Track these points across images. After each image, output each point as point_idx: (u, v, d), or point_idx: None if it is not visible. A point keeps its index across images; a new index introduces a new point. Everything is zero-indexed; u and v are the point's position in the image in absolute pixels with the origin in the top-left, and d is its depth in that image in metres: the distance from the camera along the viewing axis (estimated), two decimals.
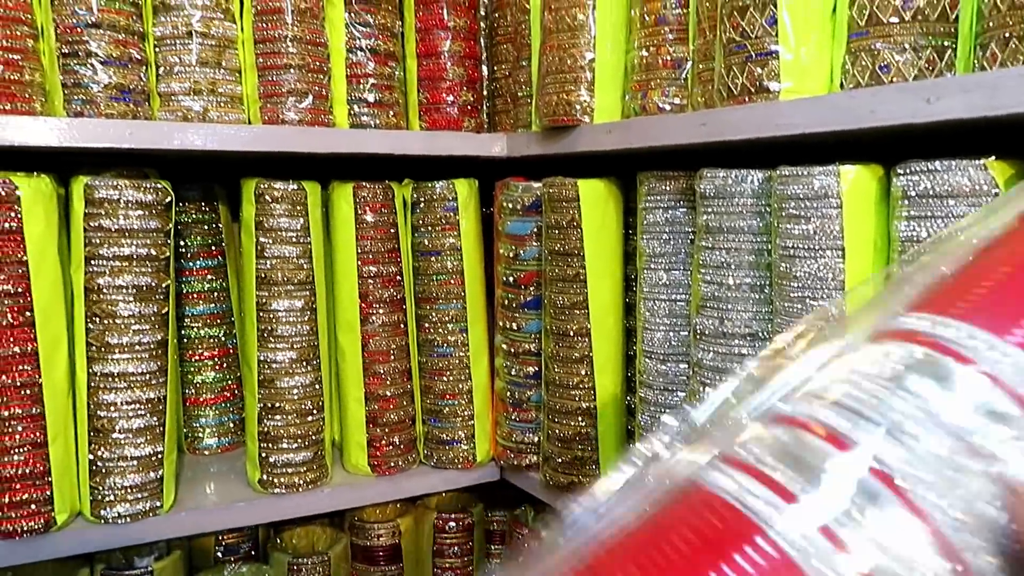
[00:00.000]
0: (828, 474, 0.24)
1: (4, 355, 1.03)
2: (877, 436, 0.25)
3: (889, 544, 0.23)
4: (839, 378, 0.28)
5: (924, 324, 0.27)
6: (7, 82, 1.02)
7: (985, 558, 0.23)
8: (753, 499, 0.25)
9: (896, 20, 0.81)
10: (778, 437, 0.26)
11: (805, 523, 0.24)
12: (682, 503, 0.27)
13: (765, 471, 0.25)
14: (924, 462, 0.24)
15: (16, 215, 1.02)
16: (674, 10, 1.08)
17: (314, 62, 1.21)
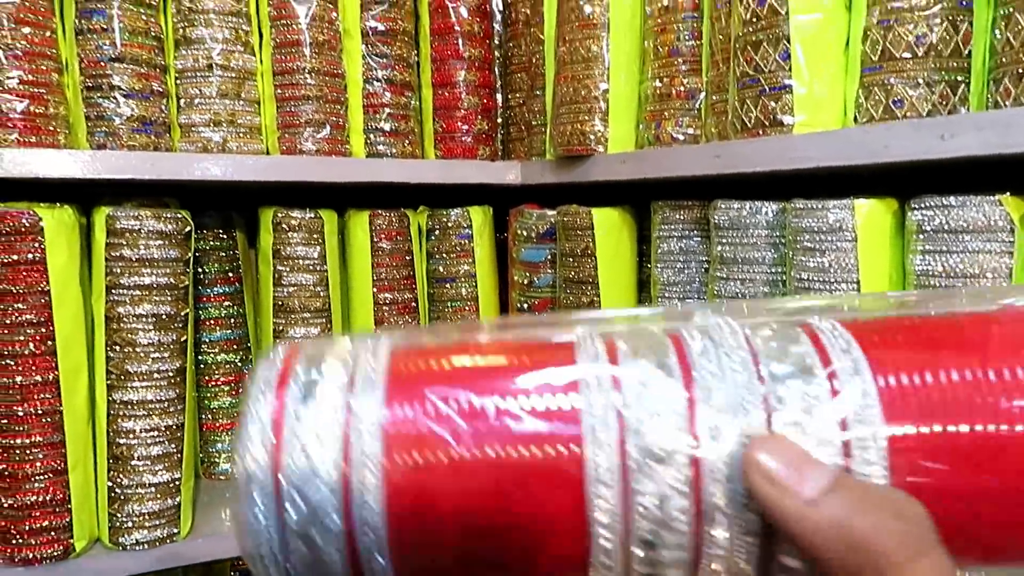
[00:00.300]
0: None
1: (26, 384, 1.05)
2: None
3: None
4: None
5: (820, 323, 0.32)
6: (32, 115, 1.04)
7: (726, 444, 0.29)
8: None
9: (909, 56, 0.82)
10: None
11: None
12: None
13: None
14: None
15: (40, 246, 1.03)
16: (687, 42, 1.09)
17: (331, 93, 1.22)
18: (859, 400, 0.28)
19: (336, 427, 0.29)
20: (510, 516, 0.29)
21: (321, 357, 0.32)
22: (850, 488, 0.27)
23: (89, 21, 1.07)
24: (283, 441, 0.29)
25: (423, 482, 0.29)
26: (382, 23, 1.26)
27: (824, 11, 0.87)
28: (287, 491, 0.29)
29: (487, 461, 0.29)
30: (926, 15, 0.81)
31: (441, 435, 0.29)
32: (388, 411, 0.29)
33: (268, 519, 0.29)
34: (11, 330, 1.03)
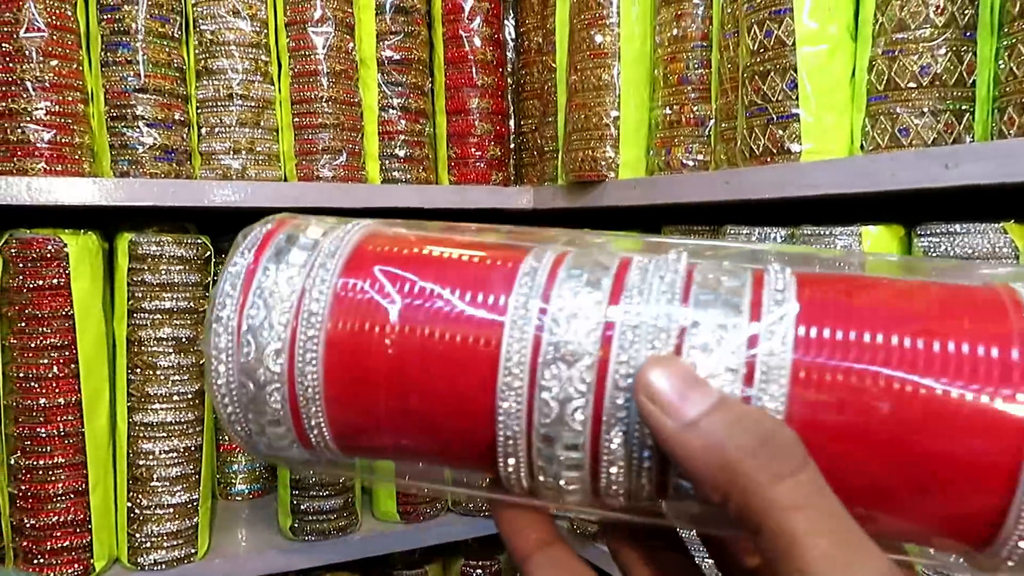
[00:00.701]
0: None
1: (50, 406, 1.07)
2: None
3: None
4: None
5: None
6: (59, 145, 1.07)
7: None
8: None
9: (914, 85, 0.84)
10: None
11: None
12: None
13: None
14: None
15: (64, 271, 1.06)
16: (697, 70, 1.11)
17: (348, 121, 1.25)
18: (773, 335, 0.29)
19: (295, 285, 0.33)
20: (430, 394, 0.32)
21: (301, 229, 0.36)
22: (728, 411, 0.28)
23: (114, 53, 1.10)
24: (249, 291, 0.33)
25: (357, 345, 0.32)
26: (397, 52, 1.29)
27: (830, 42, 0.89)
28: (244, 334, 0.33)
29: (416, 338, 0.32)
30: (930, 46, 0.83)
31: (380, 306, 0.32)
32: (340, 279, 0.33)
33: (228, 357, 0.33)
34: (36, 353, 1.06)
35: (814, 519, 0.26)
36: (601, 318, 0.30)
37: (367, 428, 0.34)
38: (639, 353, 0.30)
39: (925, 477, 0.29)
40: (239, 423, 0.35)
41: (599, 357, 0.30)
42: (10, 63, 1.04)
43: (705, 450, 0.27)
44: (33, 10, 1.04)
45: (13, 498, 1.09)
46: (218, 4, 1.16)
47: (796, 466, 0.27)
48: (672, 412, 0.28)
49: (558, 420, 0.30)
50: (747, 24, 0.94)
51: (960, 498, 0.29)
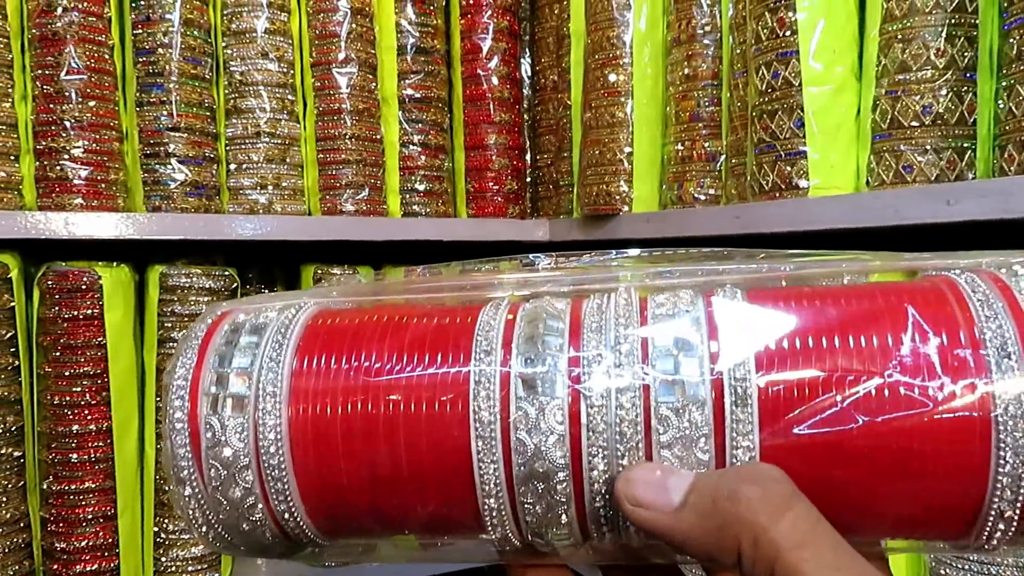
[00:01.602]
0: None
1: (82, 432, 1.11)
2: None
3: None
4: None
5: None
6: (95, 181, 1.12)
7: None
8: None
9: (917, 124, 0.87)
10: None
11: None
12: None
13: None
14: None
15: (98, 302, 1.10)
16: (707, 108, 1.15)
17: (370, 157, 1.30)
18: (735, 351, 0.31)
19: (247, 390, 0.34)
20: (404, 465, 0.33)
21: (243, 325, 0.36)
22: (707, 480, 0.29)
23: (149, 94, 1.16)
24: (198, 399, 0.34)
25: (319, 430, 0.33)
26: (418, 91, 1.34)
27: (835, 83, 0.92)
28: (207, 458, 0.34)
29: (380, 415, 0.33)
30: (932, 87, 0.86)
31: (335, 385, 0.33)
32: (292, 380, 0.34)
33: (201, 515, 0.34)
34: (69, 381, 1.10)
35: (819, 555, 0.27)
36: (564, 429, 0.31)
37: (345, 506, 0.34)
38: (610, 463, 0.31)
39: (902, 479, 0.30)
40: (220, 539, 0.35)
41: (571, 471, 0.31)
42: (51, 104, 1.10)
43: (702, 519, 0.29)
44: (73, 54, 1.10)
45: (44, 522, 1.12)
46: (247, 46, 1.21)
47: (789, 499, 0.28)
48: (660, 507, 0.29)
49: (545, 521, 0.32)
50: (755, 65, 0.98)
51: (937, 492, 0.30)
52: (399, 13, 1.32)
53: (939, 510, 0.31)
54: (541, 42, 1.48)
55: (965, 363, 0.30)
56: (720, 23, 1.12)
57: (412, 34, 1.33)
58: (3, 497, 1.07)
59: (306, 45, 1.27)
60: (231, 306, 0.38)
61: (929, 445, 0.30)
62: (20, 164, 1.11)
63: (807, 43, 0.92)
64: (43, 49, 1.10)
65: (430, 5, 1.35)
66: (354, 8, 1.26)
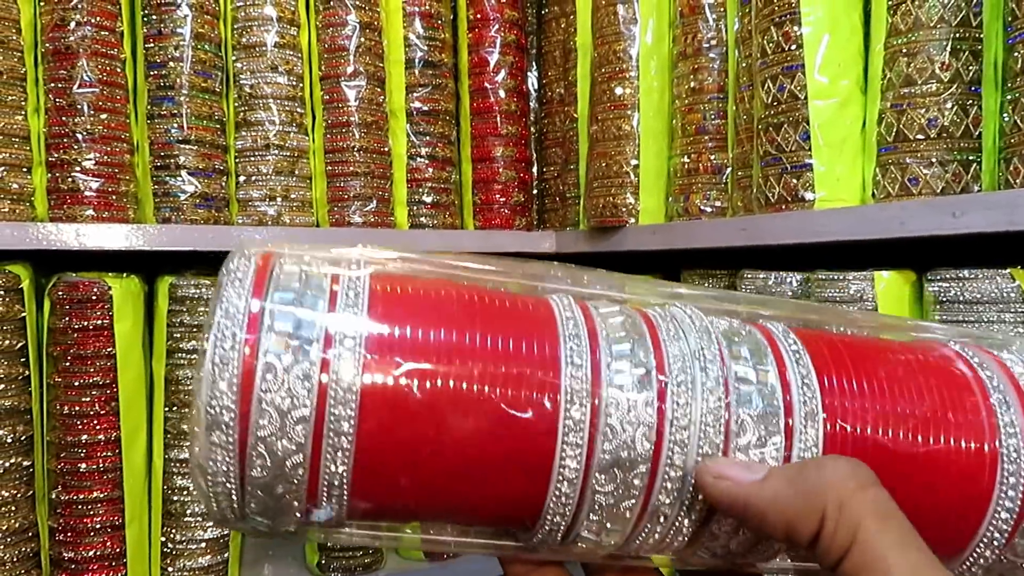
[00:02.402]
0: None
1: (90, 442, 1.11)
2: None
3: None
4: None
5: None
6: (106, 193, 1.13)
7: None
8: None
9: (922, 137, 0.87)
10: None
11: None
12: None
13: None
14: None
15: (108, 313, 1.11)
16: (713, 121, 1.15)
17: (378, 169, 1.31)
18: (802, 389, 0.34)
19: (310, 371, 0.29)
20: (478, 446, 0.31)
21: (308, 268, 0.32)
22: (788, 465, 0.32)
23: (160, 107, 1.17)
24: (253, 396, 0.29)
25: (395, 414, 0.30)
26: (425, 104, 1.35)
27: (840, 96, 0.93)
28: (252, 447, 0.29)
29: (458, 413, 0.31)
30: (937, 100, 0.86)
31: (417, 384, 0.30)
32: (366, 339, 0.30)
33: (229, 468, 0.30)
34: (78, 391, 1.11)
35: (903, 529, 0.28)
36: (652, 420, 0.32)
37: (395, 494, 0.32)
38: (686, 460, 0.32)
39: (926, 514, 0.33)
40: (227, 497, 0.31)
41: (651, 463, 0.32)
42: (63, 116, 1.11)
43: (788, 485, 0.30)
44: (86, 67, 1.11)
45: (53, 532, 1.12)
46: (257, 60, 1.22)
47: (874, 479, 0.29)
48: (744, 478, 0.31)
49: (610, 514, 0.33)
50: (761, 78, 0.99)
51: (948, 526, 0.34)
52: (407, 27, 1.34)
53: (939, 534, 0.34)
54: (548, 56, 1.49)
55: (980, 428, 0.35)
56: (726, 37, 1.13)
57: (420, 48, 1.34)
58: (12, 506, 1.07)
59: (315, 59, 1.28)
60: (270, 249, 0.34)
61: (942, 474, 0.34)
62: (32, 176, 1.12)
63: (812, 57, 0.93)
64: (56, 62, 1.11)
65: (438, 19, 1.37)
66: (363, 22, 1.28)
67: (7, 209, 1.08)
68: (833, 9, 0.93)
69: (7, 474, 1.06)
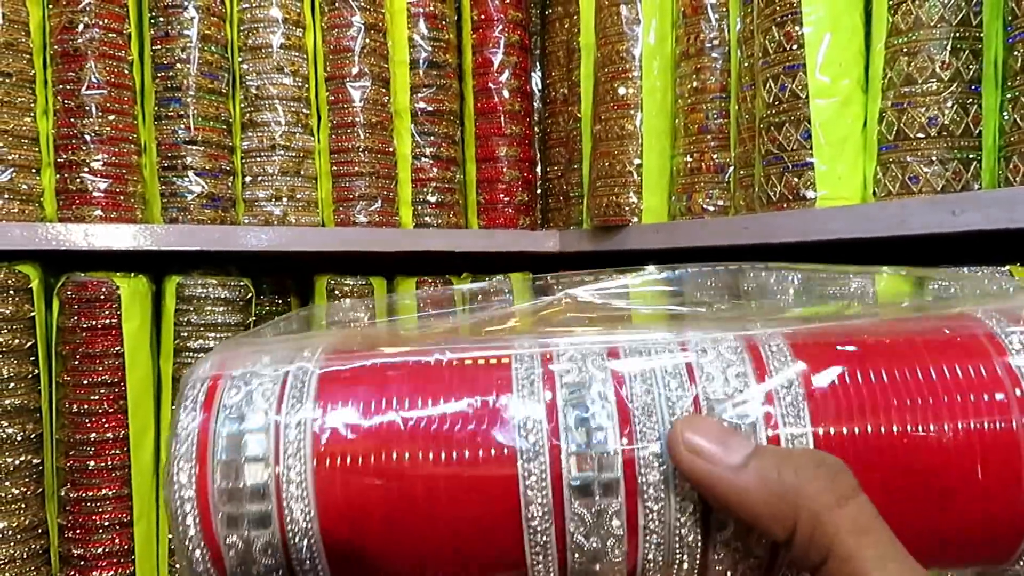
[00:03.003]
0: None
1: (99, 440, 1.12)
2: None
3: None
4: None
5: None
6: (114, 193, 1.14)
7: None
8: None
9: (923, 136, 0.88)
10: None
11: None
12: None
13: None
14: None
15: (116, 312, 1.12)
16: (716, 120, 1.16)
17: (383, 169, 1.32)
18: (785, 386, 0.31)
19: (265, 443, 0.30)
20: (443, 525, 0.31)
21: (249, 376, 0.32)
22: (771, 451, 0.29)
23: (167, 108, 1.18)
24: (208, 465, 0.30)
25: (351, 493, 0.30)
26: (430, 104, 1.36)
27: (841, 95, 0.93)
28: (216, 512, 0.30)
29: (419, 475, 0.30)
30: (937, 99, 0.87)
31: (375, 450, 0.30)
32: (317, 434, 0.31)
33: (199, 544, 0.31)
34: (87, 390, 1.12)
35: (880, 544, 0.27)
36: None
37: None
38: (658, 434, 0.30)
39: (946, 511, 0.31)
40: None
41: (624, 475, 0.30)
42: (72, 118, 1.12)
43: (763, 483, 0.28)
44: (94, 69, 1.12)
45: (62, 529, 1.13)
46: (263, 61, 1.24)
47: (854, 489, 0.28)
48: (718, 460, 0.28)
49: (595, 528, 0.31)
50: (763, 78, 0.99)
51: (983, 508, 0.30)
52: (412, 28, 1.35)
53: (984, 529, 0.31)
54: (551, 56, 1.50)
55: (1005, 405, 0.31)
56: (728, 37, 1.14)
57: (424, 48, 1.35)
58: (22, 504, 1.08)
59: (320, 60, 1.29)
60: (219, 368, 0.33)
61: (970, 459, 0.30)
62: (41, 177, 1.13)
63: (814, 56, 0.94)
64: (64, 64, 1.12)
65: (442, 20, 1.38)
66: (367, 23, 1.29)
67: (16, 210, 1.09)
68: (834, 9, 0.93)
69: (17, 472, 1.08)
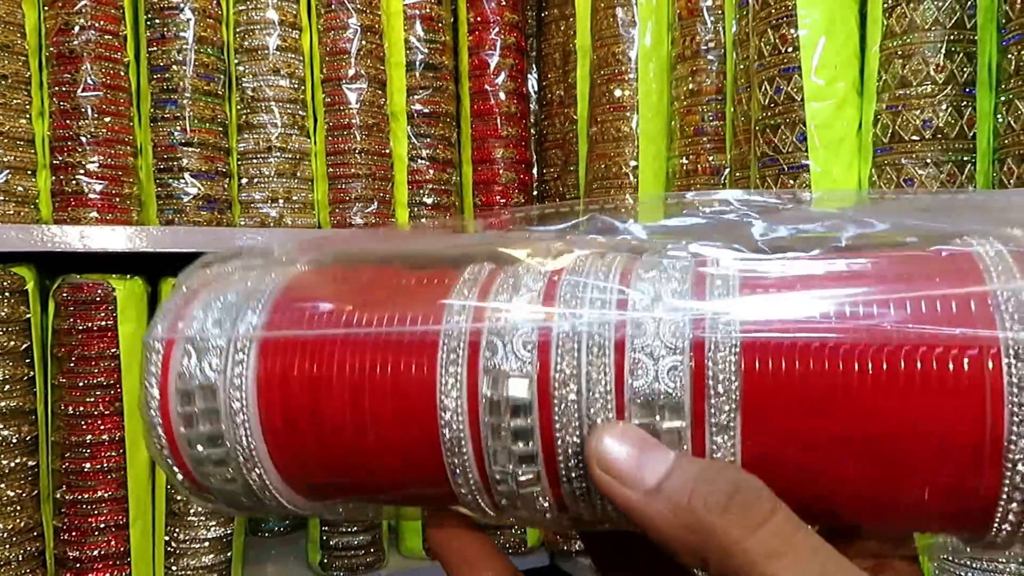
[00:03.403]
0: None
1: (95, 442, 1.12)
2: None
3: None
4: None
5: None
6: (110, 195, 1.14)
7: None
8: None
9: (917, 138, 0.88)
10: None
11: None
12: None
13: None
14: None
15: (112, 314, 1.12)
16: (711, 122, 1.16)
17: (379, 171, 1.32)
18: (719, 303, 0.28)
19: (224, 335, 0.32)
20: (367, 418, 0.31)
21: (225, 286, 0.35)
22: (688, 468, 0.27)
23: (163, 110, 1.18)
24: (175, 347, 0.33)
25: (288, 387, 0.32)
26: (426, 106, 1.36)
27: (836, 98, 0.94)
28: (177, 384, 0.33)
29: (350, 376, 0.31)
30: (931, 101, 0.87)
31: (306, 342, 0.32)
32: (267, 325, 0.33)
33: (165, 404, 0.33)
34: (83, 392, 1.12)
35: (798, 562, 0.25)
36: (533, 371, 0.29)
37: (314, 469, 0.32)
38: (580, 418, 0.28)
39: (901, 465, 0.27)
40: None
41: (540, 419, 0.29)
42: (67, 120, 1.12)
43: (674, 514, 0.26)
44: (90, 71, 1.12)
45: (57, 531, 1.13)
46: (259, 63, 1.24)
47: (768, 511, 0.26)
48: (632, 482, 0.27)
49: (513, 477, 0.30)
50: (758, 80, 1.00)
51: (945, 471, 0.26)
52: (408, 30, 1.35)
53: (949, 492, 0.27)
54: (548, 58, 1.51)
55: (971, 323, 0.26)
56: (724, 39, 1.14)
57: (421, 50, 1.35)
58: (17, 506, 1.08)
59: (317, 62, 1.29)
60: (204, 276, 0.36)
61: (930, 418, 0.26)
62: (37, 179, 1.13)
63: (809, 59, 0.94)
64: (60, 66, 1.12)
65: (438, 22, 1.38)
66: (364, 25, 1.29)
67: (12, 211, 1.09)
68: (829, 12, 0.94)
69: (12, 474, 1.07)
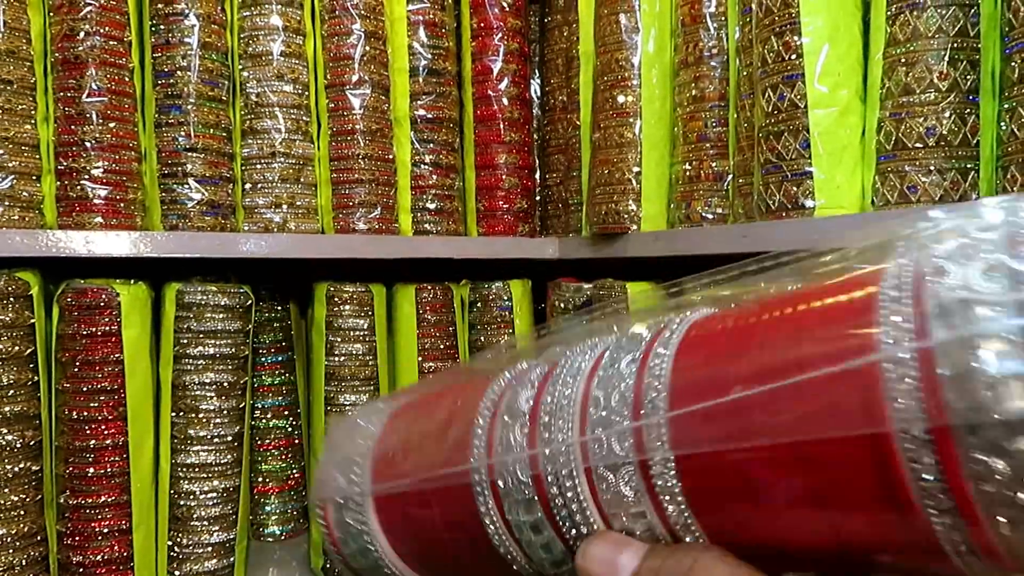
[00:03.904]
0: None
1: (98, 447, 1.12)
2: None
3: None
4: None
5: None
6: (114, 200, 1.14)
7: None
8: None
9: (921, 145, 0.89)
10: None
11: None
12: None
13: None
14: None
15: (116, 319, 1.12)
16: (715, 128, 1.17)
17: (382, 176, 1.32)
18: (653, 382, 0.34)
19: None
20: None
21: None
22: (653, 561, 0.33)
23: (167, 115, 1.18)
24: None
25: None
26: (429, 112, 1.37)
27: (840, 105, 0.94)
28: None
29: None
30: (935, 109, 0.87)
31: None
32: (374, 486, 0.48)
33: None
34: (87, 397, 1.12)
35: None
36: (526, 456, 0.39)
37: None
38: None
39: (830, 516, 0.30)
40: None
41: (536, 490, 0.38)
42: (72, 125, 1.12)
43: None
44: (95, 76, 1.12)
45: (61, 536, 1.13)
46: (263, 68, 1.24)
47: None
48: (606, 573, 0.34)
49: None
50: (762, 87, 1.00)
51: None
52: (411, 36, 1.35)
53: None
54: (551, 64, 1.51)
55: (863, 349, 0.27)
56: (727, 46, 1.15)
57: (424, 56, 1.36)
58: (21, 511, 1.08)
59: (320, 67, 1.30)
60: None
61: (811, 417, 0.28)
62: (42, 184, 1.13)
63: (812, 66, 0.94)
64: (65, 72, 1.13)
65: (442, 28, 1.38)
66: (367, 31, 1.29)
67: (17, 217, 1.09)
68: (833, 19, 0.94)
69: (16, 479, 1.08)
